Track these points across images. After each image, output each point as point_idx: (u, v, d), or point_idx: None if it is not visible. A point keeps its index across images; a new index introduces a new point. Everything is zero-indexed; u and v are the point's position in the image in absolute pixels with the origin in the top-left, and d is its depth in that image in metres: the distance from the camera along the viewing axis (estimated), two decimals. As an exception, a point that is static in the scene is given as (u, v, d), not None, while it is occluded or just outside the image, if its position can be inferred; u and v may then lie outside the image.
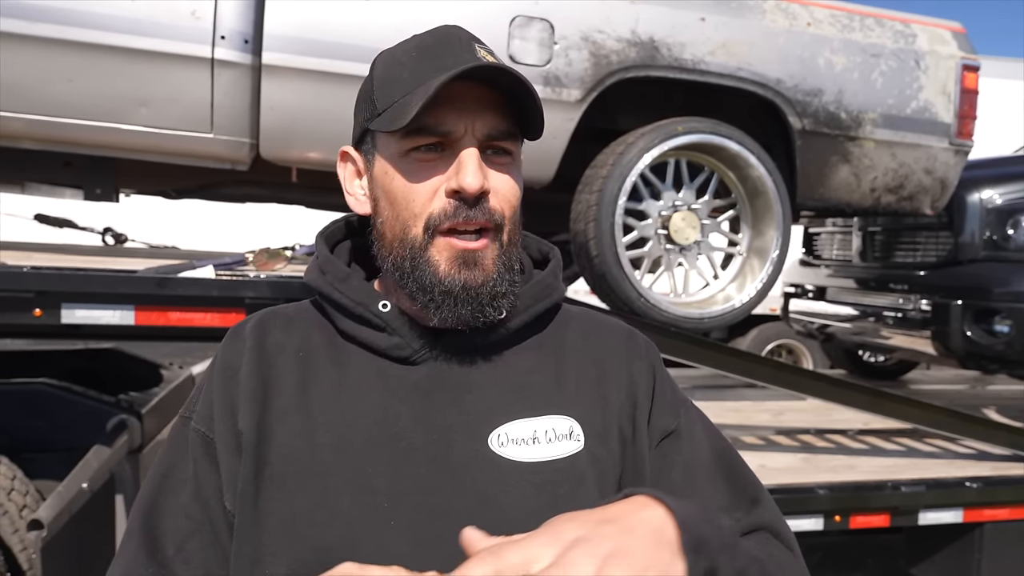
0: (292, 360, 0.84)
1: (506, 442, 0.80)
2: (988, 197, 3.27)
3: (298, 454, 0.78)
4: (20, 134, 2.29)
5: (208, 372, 0.87)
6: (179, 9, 2.26)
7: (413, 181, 0.80)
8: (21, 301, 1.96)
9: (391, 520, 0.75)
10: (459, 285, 0.79)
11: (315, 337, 0.86)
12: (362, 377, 0.82)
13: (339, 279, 0.86)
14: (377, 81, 0.84)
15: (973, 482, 2.68)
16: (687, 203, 2.66)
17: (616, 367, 0.89)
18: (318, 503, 0.76)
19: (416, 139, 0.80)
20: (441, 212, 0.79)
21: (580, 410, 0.84)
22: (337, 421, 0.80)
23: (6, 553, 2.31)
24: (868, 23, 2.83)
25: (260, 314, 0.90)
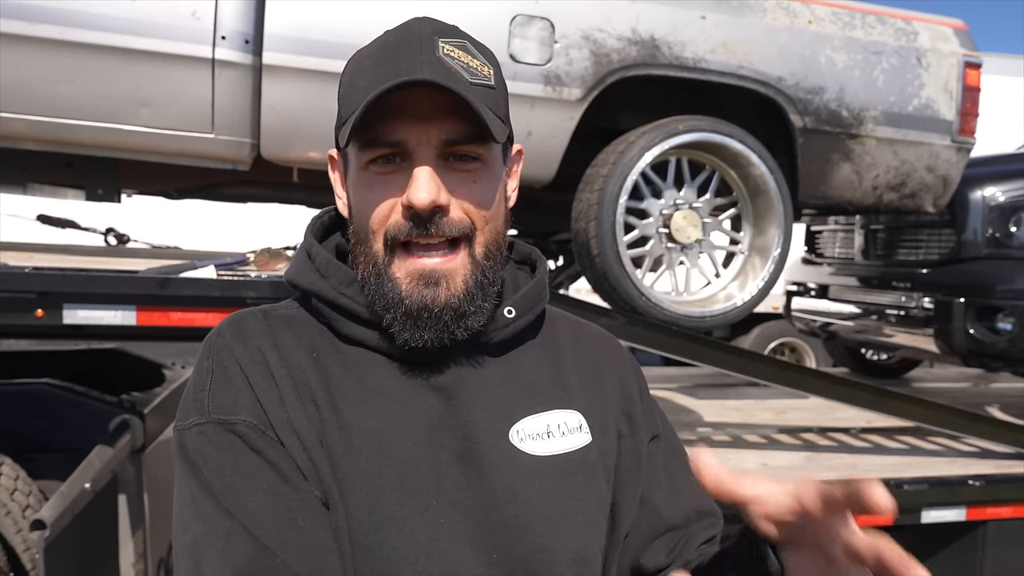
0: (308, 362, 0.80)
1: (525, 437, 0.81)
2: (990, 194, 3.26)
3: (341, 458, 0.76)
4: (22, 135, 2.29)
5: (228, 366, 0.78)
6: (179, 9, 2.26)
7: (371, 195, 0.79)
8: (23, 302, 1.96)
9: (440, 518, 0.76)
10: (418, 305, 0.77)
11: (317, 341, 0.82)
12: (383, 379, 0.80)
13: (345, 283, 0.82)
14: (343, 87, 0.83)
15: (976, 480, 2.68)
16: (688, 201, 2.65)
17: (608, 369, 0.92)
18: (366, 507, 0.75)
19: (371, 151, 0.78)
20: (397, 228, 0.77)
21: (584, 405, 0.86)
22: (370, 423, 0.78)
23: (9, 553, 2.31)
24: (869, 21, 2.82)
25: (255, 312, 0.85)
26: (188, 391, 0.80)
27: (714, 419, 3.41)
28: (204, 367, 0.80)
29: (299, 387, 0.78)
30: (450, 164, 0.78)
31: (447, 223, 0.77)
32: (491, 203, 0.81)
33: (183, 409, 0.79)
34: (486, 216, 0.80)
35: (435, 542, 0.75)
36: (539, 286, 0.91)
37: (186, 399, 0.80)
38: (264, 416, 0.76)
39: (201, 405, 0.77)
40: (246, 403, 0.76)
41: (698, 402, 3.79)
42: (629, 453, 0.89)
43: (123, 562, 2.52)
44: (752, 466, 2.72)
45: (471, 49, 0.80)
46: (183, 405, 0.80)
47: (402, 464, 0.77)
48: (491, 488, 0.78)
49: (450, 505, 0.77)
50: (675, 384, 4.27)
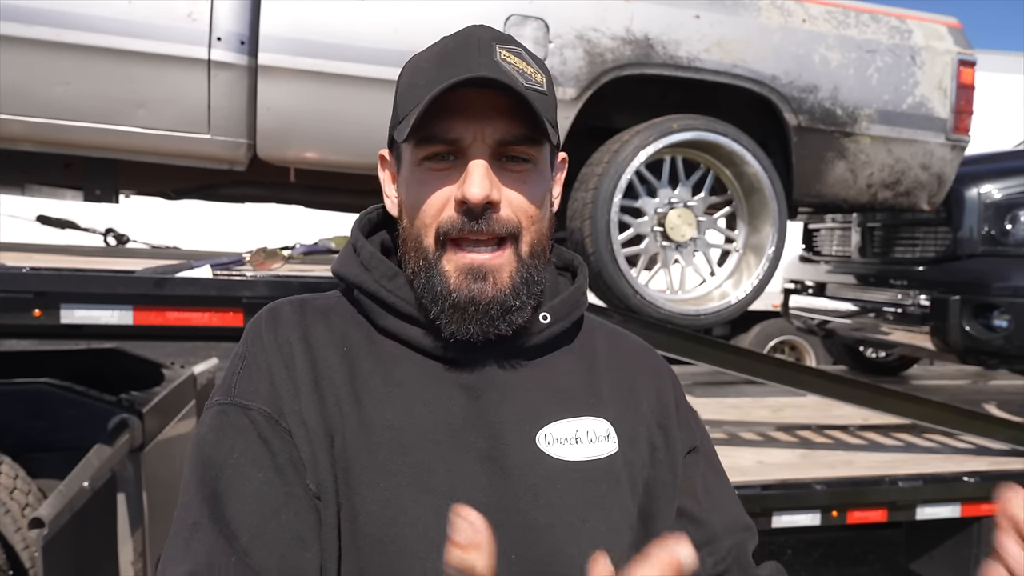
0: (337, 355, 0.82)
1: (552, 442, 0.82)
2: (986, 192, 3.27)
3: (357, 452, 0.78)
4: (20, 136, 2.31)
5: (256, 353, 0.82)
6: (175, 11, 2.27)
7: (425, 191, 0.81)
8: (21, 302, 1.98)
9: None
10: (466, 298, 0.79)
11: (352, 333, 0.85)
12: (411, 376, 0.82)
13: (387, 277, 0.85)
14: (400, 88, 0.85)
15: (971, 477, 2.69)
16: (683, 200, 2.66)
17: (644, 380, 0.92)
18: (382, 501, 0.77)
19: (426, 148, 0.80)
20: (449, 222, 0.79)
21: (614, 414, 0.86)
22: (391, 419, 0.80)
23: (9, 552, 2.33)
24: (863, 19, 2.83)
25: (293, 302, 0.87)
26: (224, 372, 0.86)
27: (711, 417, 3.42)
28: (239, 352, 0.85)
29: (320, 380, 0.80)
30: (502, 164, 0.80)
31: (496, 220, 0.79)
32: (539, 204, 0.83)
33: (215, 389, 0.85)
34: (533, 217, 0.82)
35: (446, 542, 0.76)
36: (577, 293, 0.91)
37: (221, 380, 0.85)
38: (279, 406, 0.79)
39: (228, 387, 0.82)
40: (265, 391, 0.80)
41: (695, 400, 3.74)
42: (663, 465, 0.89)
43: (122, 560, 2.54)
44: (748, 464, 2.73)
45: (525, 56, 0.83)
46: (217, 385, 0.85)
47: (419, 462, 0.78)
48: (513, 489, 0.79)
49: (469, 503, 0.77)
50: (673, 382, 4.27)
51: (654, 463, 0.88)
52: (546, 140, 0.81)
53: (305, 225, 4.82)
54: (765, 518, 2.50)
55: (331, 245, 2.54)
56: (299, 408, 0.79)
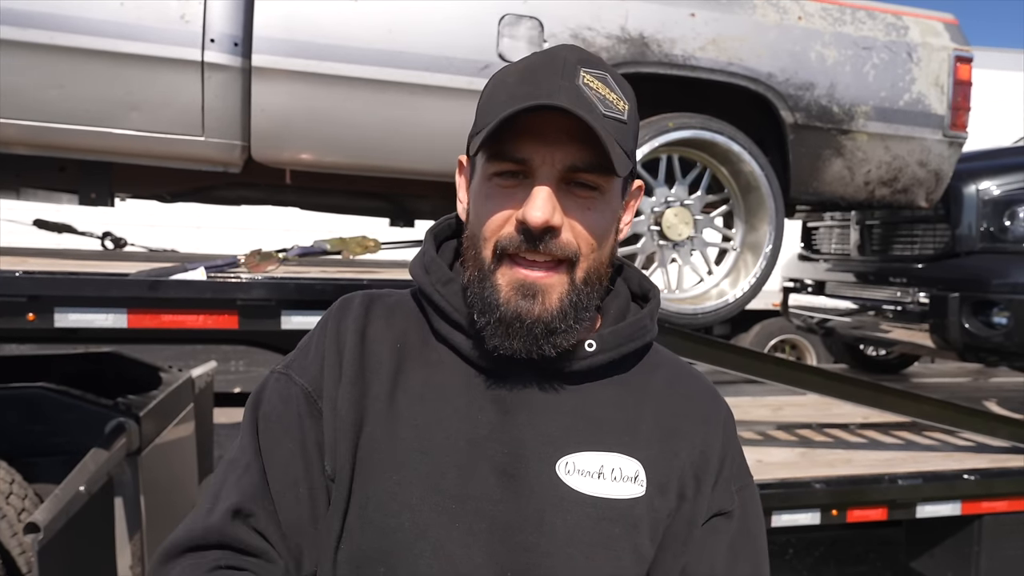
0: (390, 351, 0.87)
1: (572, 471, 0.82)
2: (985, 189, 3.26)
3: (381, 444, 0.82)
4: (13, 140, 2.30)
5: (319, 336, 0.90)
6: (168, 13, 2.27)
7: (491, 205, 0.82)
8: (14, 306, 1.97)
9: (457, 523, 0.79)
10: (512, 314, 0.80)
11: (411, 332, 0.89)
12: (449, 381, 0.85)
13: (442, 282, 0.88)
14: (483, 98, 0.86)
15: (971, 474, 2.68)
16: (680, 199, 2.66)
17: (692, 426, 0.89)
18: (391, 492, 0.80)
19: (497, 164, 0.81)
20: (508, 239, 0.80)
21: (648, 457, 0.85)
22: (420, 419, 0.83)
23: (5, 556, 2.32)
24: (859, 16, 2.82)
25: (364, 296, 0.93)
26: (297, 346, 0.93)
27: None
28: (314, 331, 0.92)
29: (366, 373, 0.85)
30: (570, 189, 0.81)
31: (555, 244, 0.79)
32: (601, 233, 0.83)
33: (286, 357, 0.93)
34: (593, 244, 0.82)
35: (445, 544, 0.78)
36: (634, 327, 0.90)
37: (292, 351, 0.93)
38: (320, 387, 0.86)
39: (290, 360, 0.91)
40: (313, 371, 0.87)
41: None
42: (683, 519, 0.86)
43: (120, 565, 2.53)
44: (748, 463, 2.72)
45: (611, 82, 0.82)
46: (287, 355, 0.93)
47: (435, 463, 0.81)
48: (522, 509, 0.80)
49: (474, 513, 0.79)
50: (672, 382, 4.27)
51: (679, 513, 0.86)
52: (616, 170, 0.80)
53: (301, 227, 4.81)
54: (765, 517, 2.49)
55: (326, 247, 2.53)
56: (336, 395, 0.84)
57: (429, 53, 2.35)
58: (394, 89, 2.37)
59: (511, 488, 0.80)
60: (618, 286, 0.94)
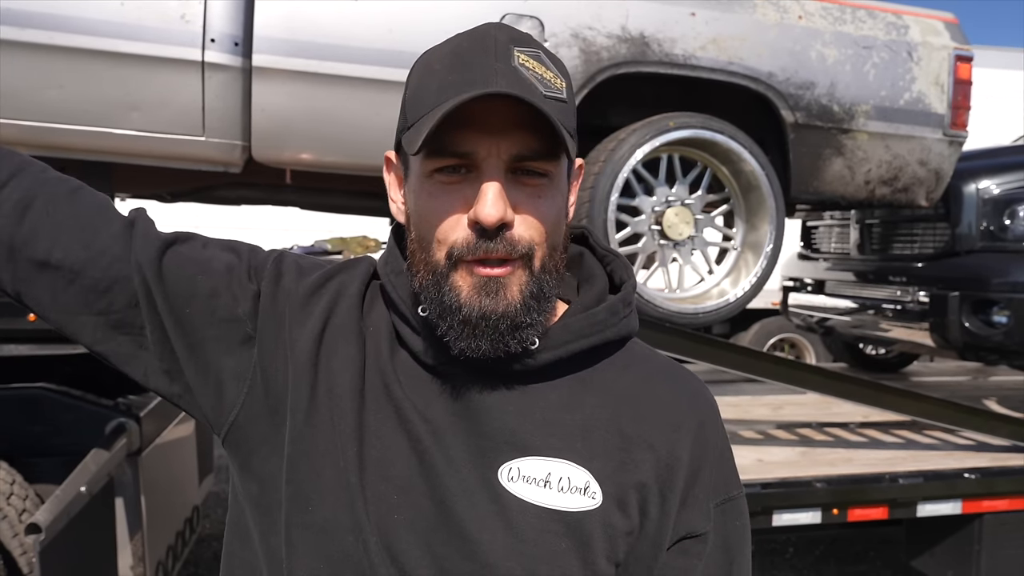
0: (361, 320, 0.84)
1: (516, 478, 0.76)
2: (985, 187, 3.26)
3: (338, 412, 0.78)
4: (14, 140, 2.29)
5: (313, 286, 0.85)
6: (168, 13, 2.26)
7: (436, 206, 0.76)
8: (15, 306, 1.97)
9: (395, 514, 0.76)
10: (477, 313, 0.74)
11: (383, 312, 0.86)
12: (402, 372, 0.81)
13: (395, 272, 0.84)
14: (410, 89, 0.79)
15: (971, 473, 2.68)
16: (680, 198, 2.66)
17: (659, 433, 0.80)
18: (335, 464, 0.77)
19: (437, 160, 0.75)
20: (464, 244, 0.74)
21: (603, 467, 0.77)
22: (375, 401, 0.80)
23: (6, 557, 2.32)
24: (860, 15, 2.82)
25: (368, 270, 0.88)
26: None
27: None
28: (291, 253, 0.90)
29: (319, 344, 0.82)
30: (517, 178, 0.75)
31: (510, 240, 0.75)
32: (554, 220, 0.78)
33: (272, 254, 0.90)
34: (546, 233, 0.77)
35: (385, 531, 0.76)
36: (585, 322, 0.82)
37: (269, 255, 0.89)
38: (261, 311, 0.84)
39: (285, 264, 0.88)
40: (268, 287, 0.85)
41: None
42: (647, 540, 0.79)
43: (121, 565, 2.53)
44: (748, 462, 2.72)
45: (545, 60, 0.77)
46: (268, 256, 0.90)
47: (386, 448, 0.78)
48: (461, 512, 0.75)
49: (414, 507, 0.76)
50: (672, 381, 4.27)
51: (644, 532, 0.78)
52: (564, 153, 0.76)
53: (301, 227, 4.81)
54: (765, 516, 2.49)
55: (327, 247, 2.53)
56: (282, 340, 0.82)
57: (430, 53, 2.34)
58: (395, 89, 2.35)
59: (451, 490, 0.76)
60: (597, 275, 0.88)
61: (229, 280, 0.84)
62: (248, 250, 0.89)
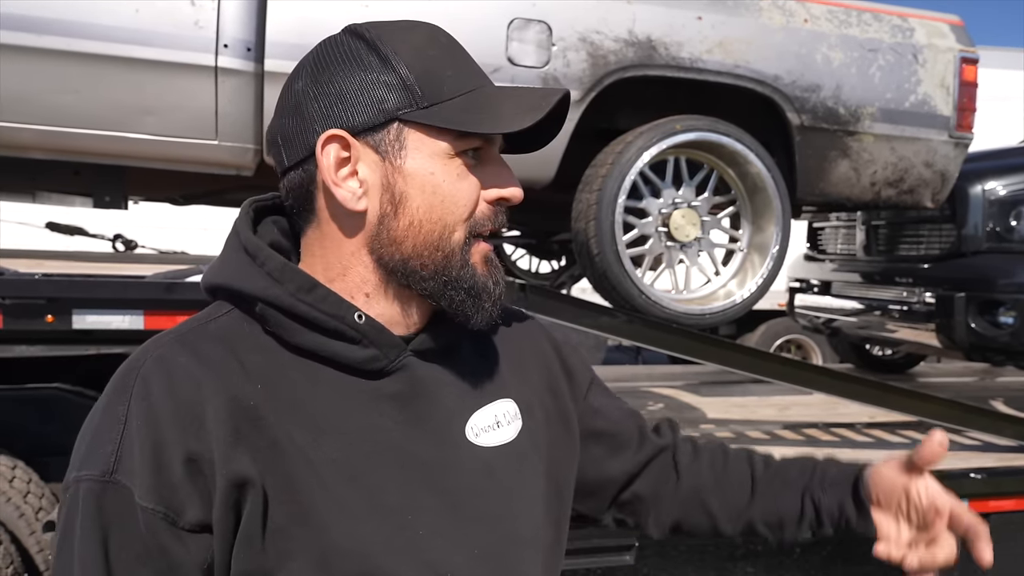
0: (256, 388, 0.73)
1: (478, 432, 0.82)
2: (991, 189, 3.27)
3: (308, 488, 0.72)
4: (30, 144, 2.34)
5: (137, 425, 0.69)
6: (182, 19, 2.30)
7: (463, 184, 0.77)
8: (33, 308, 2.01)
9: (420, 531, 0.75)
10: (494, 285, 0.81)
11: (254, 356, 0.75)
12: (337, 396, 0.76)
13: (305, 290, 0.75)
14: (410, 68, 0.75)
15: (977, 473, 2.69)
16: (687, 200, 2.68)
17: (528, 349, 0.94)
18: (347, 535, 0.72)
19: (470, 141, 0.77)
20: (484, 218, 0.79)
21: (514, 390, 0.88)
22: (333, 454, 0.73)
23: (24, 555, 2.35)
24: (865, 18, 2.84)
25: (176, 342, 0.74)
26: (91, 433, 0.72)
27: (717, 416, 3.44)
28: (111, 424, 0.71)
29: (240, 426, 0.71)
30: None
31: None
32: None
33: (86, 455, 0.71)
34: None
35: (421, 553, 0.74)
36: None
37: (90, 442, 0.72)
38: (173, 497, 0.68)
39: (106, 462, 0.69)
40: (145, 476, 0.68)
41: (701, 399, 3.81)
42: (557, 424, 0.92)
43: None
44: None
45: None
46: (85, 449, 0.72)
47: (372, 486, 0.74)
48: (458, 488, 0.79)
49: (426, 512, 0.76)
50: (679, 381, 4.29)
51: (548, 425, 0.90)
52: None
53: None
54: (772, 516, 2.50)
55: None
56: (223, 474, 0.69)
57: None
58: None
59: (446, 474, 0.78)
60: None
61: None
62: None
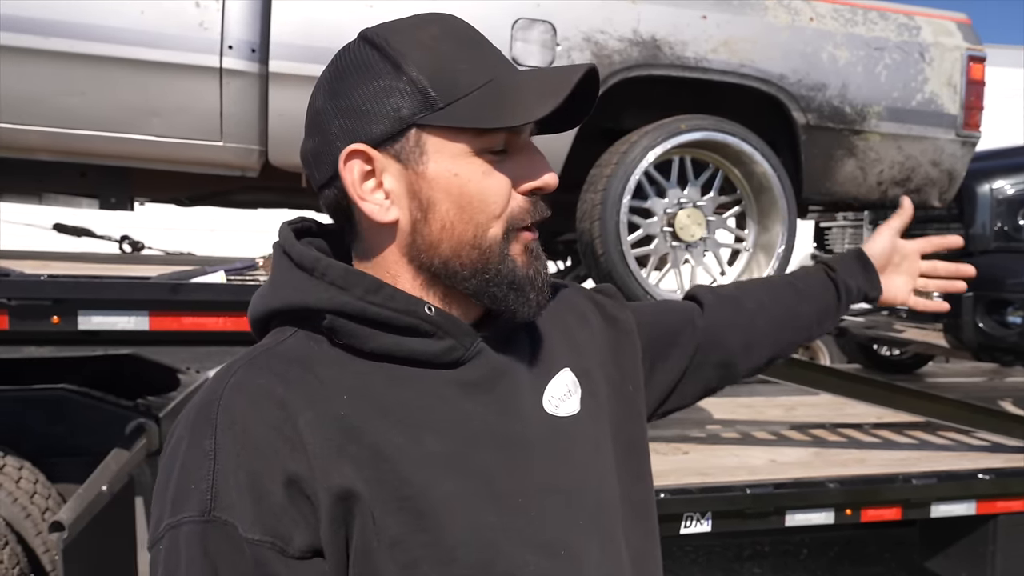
0: (343, 400, 0.72)
1: (557, 404, 0.83)
2: (999, 188, 3.25)
3: (421, 488, 0.71)
4: (36, 146, 2.35)
5: (228, 457, 0.66)
6: (187, 20, 2.31)
7: (490, 182, 0.75)
8: (39, 309, 2.02)
9: (531, 512, 0.76)
10: (539, 275, 0.79)
11: (332, 372, 0.74)
12: (424, 391, 0.75)
13: (371, 291, 0.74)
14: (420, 68, 0.73)
15: (986, 474, 2.67)
16: (692, 200, 2.67)
17: (573, 313, 0.94)
18: (467, 527, 0.71)
19: (494, 137, 0.75)
20: (521, 212, 0.77)
21: (570, 359, 0.88)
22: (434, 448, 0.72)
23: (30, 555, 2.37)
24: (871, 16, 2.83)
25: (249, 366, 0.73)
26: (178, 474, 0.68)
27: (724, 416, 3.43)
28: (203, 448, 0.67)
29: (346, 432, 0.70)
30: None
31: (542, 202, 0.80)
32: None
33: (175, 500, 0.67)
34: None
35: (538, 534, 0.75)
36: None
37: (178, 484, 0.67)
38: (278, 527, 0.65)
39: (206, 500, 0.65)
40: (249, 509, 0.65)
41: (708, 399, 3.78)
42: (615, 380, 0.91)
43: (141, 563, 2.57)
44: (761, 462, 2.73)
45: None
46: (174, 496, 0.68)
47: (482, 474, 0.74)
48: (554, 462, 0.79)
49: (532, 494, 0.76)
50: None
51: (608, 384, 0.90)
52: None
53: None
54: (779, 516, 2.50)
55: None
56: (328, 490, 0.67)
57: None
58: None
59: (544, 452, 0.79)
60: None
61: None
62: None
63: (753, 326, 1.10)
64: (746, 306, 1.11)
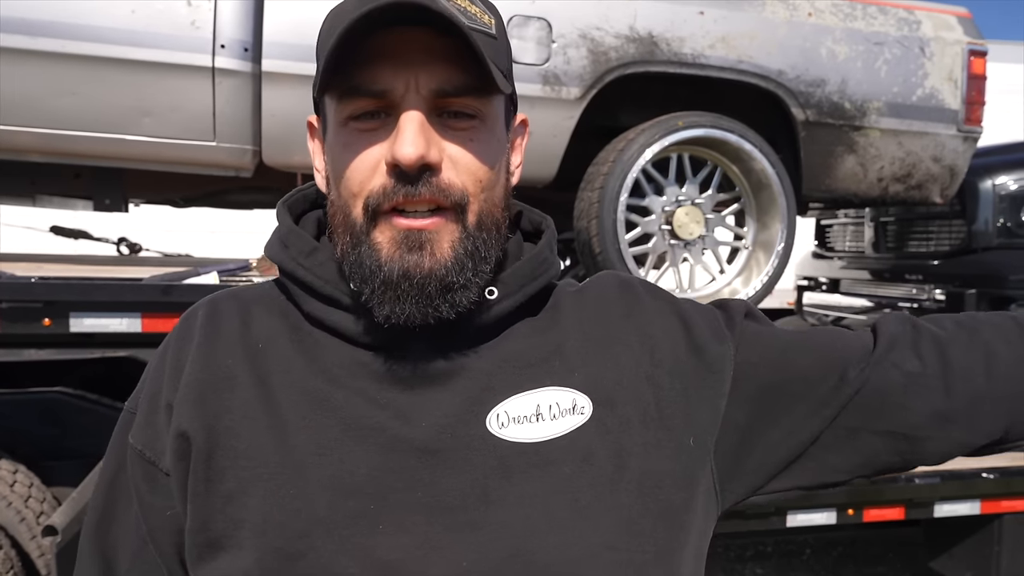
0: (252, 351, 0.73)
1: (507, 421, 0.69)
2: (1001, 183, 3.23)
3: (266, 456, 0.68)
4: (28, 147, 2.33)
5: (156, 370, 0.77)
6: (178, 19, 2.29)
7: (351, 154, 0.68)
8: (30, 311, 2.00)
9: (379, 524, 0.66)
10: (398, 272, 0.67)
11: (277, 323, 0.74)
12: (335, 367, 0.71)
13: (304, 253, 0.73)
14: (321, 35, 0.71)
15: (990, 473, 2.64)
16: (691, 198, 2.65)
17: (621, 325, 0.77)
18: (292, 510, 0.66)
19: (351, 103, 0.68)
20: (380, 190, 0.67)
21: (585, 377, 0.73)
22: (308, 417, 0.69)
23: (24, 559, 2.35)
24: (871, 11, 2.80)
25: (212, 299, 0.78)
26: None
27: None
28: (154, 358, 0.80)
29: (218, 384, 0.72)
30: (443, 120, 0.68)
31: (437, 184, 0.66)
32: (489, 167, 0.70)
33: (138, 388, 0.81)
34: (483, 182, 0.69)
35: (371, 550, 0.65)
36: (534, 263, 0.77)
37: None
38: (155, 442, 0.74)
39: (137, 398, 0.79)
40: (145, 416, 0.75)
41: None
42: (679, 401, 0.74)
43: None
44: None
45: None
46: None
47: (341, 462, 0.67)
48: (458, 486, 0.67)
49: (400, 507, 0.67)
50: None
51: (645, 422, 0.73)
52: (496, 90, 0.68)
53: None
54: (780, 517, 2.48)
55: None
56: (180, 429, 0.71)
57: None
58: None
59: (439, 467, 0.67)
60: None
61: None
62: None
63: (956, 388, 0.79)
64: (953, 355, 0.80)
